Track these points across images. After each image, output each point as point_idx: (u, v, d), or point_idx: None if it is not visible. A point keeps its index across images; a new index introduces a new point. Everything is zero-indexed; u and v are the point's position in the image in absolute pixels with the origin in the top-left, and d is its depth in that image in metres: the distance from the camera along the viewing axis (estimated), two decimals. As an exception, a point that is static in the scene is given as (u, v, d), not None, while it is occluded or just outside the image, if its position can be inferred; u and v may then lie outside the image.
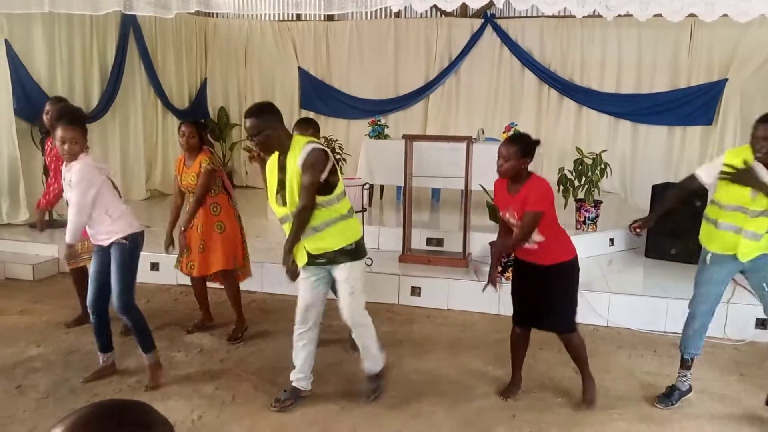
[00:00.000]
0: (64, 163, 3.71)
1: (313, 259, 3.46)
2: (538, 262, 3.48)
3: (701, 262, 3.66)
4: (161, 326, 4.78)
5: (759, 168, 3.33)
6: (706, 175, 3.51)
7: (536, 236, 3.40)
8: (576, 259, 3.55)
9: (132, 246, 3.75)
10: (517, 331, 3.74)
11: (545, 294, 3.52)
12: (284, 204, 3.36)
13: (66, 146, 3.54)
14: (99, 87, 7.94)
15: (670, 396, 3.76)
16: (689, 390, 3.79)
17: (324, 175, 3.27)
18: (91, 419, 0.91)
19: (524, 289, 3.64)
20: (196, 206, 4.39)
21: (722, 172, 3.36)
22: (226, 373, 4.08)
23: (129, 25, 8.23)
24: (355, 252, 3.48)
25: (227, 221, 4.49)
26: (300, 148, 3.27)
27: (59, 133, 3.52)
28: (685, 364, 3.77)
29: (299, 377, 3.67)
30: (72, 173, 3.58)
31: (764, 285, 3.53)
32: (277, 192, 3.40)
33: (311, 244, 3.42)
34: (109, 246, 3.72)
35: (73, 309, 4.92)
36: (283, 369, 3.87)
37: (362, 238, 3.55)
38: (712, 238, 3.57)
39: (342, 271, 3.46)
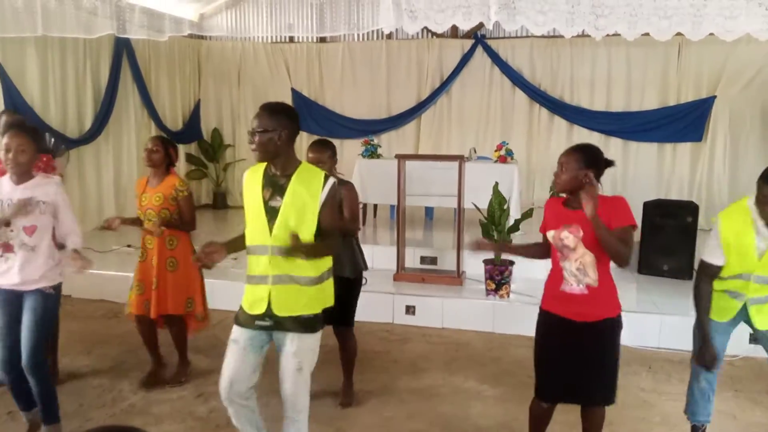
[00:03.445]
0: (9, 176, 3.23)
1: (252, 321, 2.82)
2: (580, 318, 2.81)
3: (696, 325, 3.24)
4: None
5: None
6: (718, 257, 3.07)
7: (591, 275, 2.79)
8: (621, 314, 2.93)
9: (57, 298, 3.32)
10: (542, 406, 3.02)
11: (586, 360, 2.82)
12: (270, 233, 2.73)
13: (11, 155, 3.10)
14: (92, 109, 7.95)
15: None
16: None
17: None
18: None
19: (557, 354, 2.89)
20: (184, 230, 4.03)
21: None
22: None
23: (122, 48, 8.28)
24: (313, 323, 2.83)
25: (182, 258, 3.97)
26: (321, 178, 2.78)
27: (4, 140, 3.12)
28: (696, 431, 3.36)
29: None
30: (47, 193, 3.21)
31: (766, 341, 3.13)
32: (264, 214, 2.78)
33: (288, 299, 2.77)
34: (27, 293, 3.22)
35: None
36: (277, 391, 3.83)
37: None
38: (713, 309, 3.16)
39: (291, 342, 2.79)
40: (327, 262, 2.88)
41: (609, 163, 2.89)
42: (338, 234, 2.97)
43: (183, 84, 9.74)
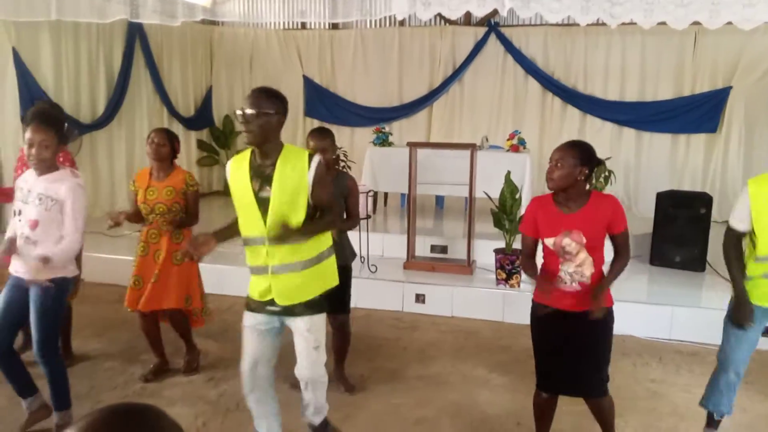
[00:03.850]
0: (28, 170, 3.22)
1: (263, 307, 2.87)
2: (574, 308, 2.80)
3: (731, 303, 3.15)
4: (164, 333, 4.78)
5: None
6: (741, 222, 3.01)
7: (587, 274, 2.80)
8: (612, 308, 2.92)
9: (58, 292, 3.22)
10: (543, 396, 3.06)
11: (583, 350, 2.84)
12: (264, 224, 2.73)
13: (34, 150, 3.05)
14: (105, 95, 7.98)
15: None
16: None
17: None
18: (102, 424, 0.90)
19: (554, 345, 2.90)
20: (188, 225, 3.99)
21: None
22: (231, 379, 4.07)
23: (135, 33, 8.29)
24: (320, 303, 2.91)
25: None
26: (305, 159, 2.76)
27: (27, 134, 3.07)
28: (713, 423, 3.30)
29: None
30: (60, 191, 3.11)
31: None
32: (256, 206, 2.76)
33: (287, 284, 2.80)
34: (31, 284, 3.18)
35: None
36: (286, 377, 3.86)
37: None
38: (751, 291, 3.05)
39: (303, 322, 2.86)
40: (326, 242, 2.91)
41: (599, 162, 2.88)
42: (337, 208, 3.05)
43: (195, 70, 9.75)
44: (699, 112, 8.32)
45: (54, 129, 3.13)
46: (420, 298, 5.45)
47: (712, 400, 3.25)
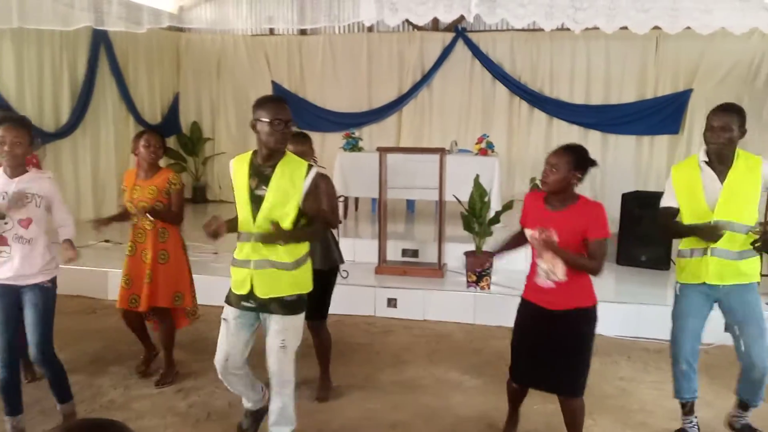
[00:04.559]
0: (3, 169, 3.25)
1: (239, 302, 3.02)
2: (551, 306, 2.94)
3: (674, 295, 3.41)
4: (134, 343, 4.71)
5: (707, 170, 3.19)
6: (670, 200, 3.31)
7: (559, 274, 2.90)
8: (596, 307, 3.02)
9: (54, 290, 3.35)
10: (514, 386, 3.23)
11: (555, 347, 2.94)
12: (253, 221, 2.92)
13: (6, 147, 3.12)
14: (69, 103, 7.84)
15: None
16: None
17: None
18: None
19: (529, 340, 3.05)
20: (172, 223, 4.03)
21: (753, 247, 3.09)
22: (201, 389, 4.03)
23: (100, 41, 8.16)
24: (296, 305, 3.04)
25: (172, 251, 4.03)
26: (304, 168, 2.96)
27: (0, 132, 3.13)
28: (685, 409, 3.47)
29: (251, 403, 3.36)
30: (41, 187, 3.24)
31: (736, 328, 3.23)
32: (249, 203, 2.94)
33: (268, 282, 2.95)
34: (24, 288, 3.23)
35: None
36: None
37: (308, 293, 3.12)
38: (679, 268, 3.36)
39: (275, 322, 3.00)
40: (303, 249, 3.05)
41: (593, 163, 2.96)
42: (323, 221, 3.16)
43: (162, 77, 9.64)
44: (662, 115, 8.53)
45: (26, 129, 3.24)
46: (392, 303, 5.46)
47: (675, 388, 3.44)
